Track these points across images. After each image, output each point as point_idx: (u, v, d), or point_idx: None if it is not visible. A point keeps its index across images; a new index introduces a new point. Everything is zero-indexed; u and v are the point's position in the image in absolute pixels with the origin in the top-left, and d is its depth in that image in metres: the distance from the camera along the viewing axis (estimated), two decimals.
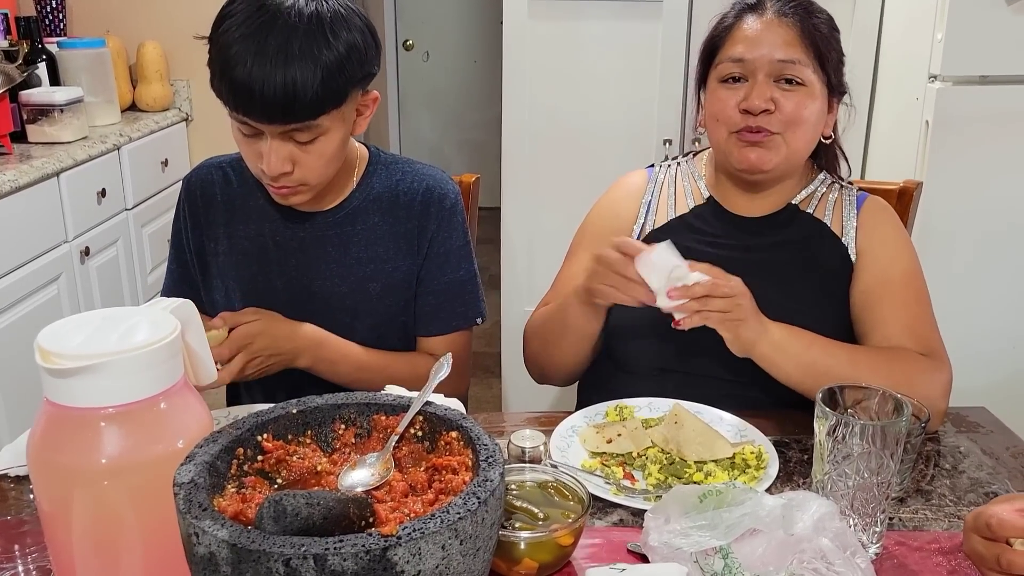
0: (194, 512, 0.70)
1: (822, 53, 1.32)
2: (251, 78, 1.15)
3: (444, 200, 1.41)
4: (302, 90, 1.16)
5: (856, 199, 1.42)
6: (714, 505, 0.90)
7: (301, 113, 1.18)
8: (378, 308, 1.40)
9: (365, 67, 1.24)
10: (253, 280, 1.40)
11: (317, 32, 1.17)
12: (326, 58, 1.17)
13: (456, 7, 5.41)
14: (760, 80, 1.31)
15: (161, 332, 0.81)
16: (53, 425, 0.78)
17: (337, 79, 1.19)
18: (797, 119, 1.31)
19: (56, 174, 2.36)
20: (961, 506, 1.08)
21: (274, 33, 1.16)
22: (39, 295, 2.30)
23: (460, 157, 5.62)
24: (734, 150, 1.35)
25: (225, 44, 1.17)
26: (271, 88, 1.15)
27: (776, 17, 1.33)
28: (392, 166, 1.43)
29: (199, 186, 1.43)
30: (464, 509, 0.71)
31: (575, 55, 2.50)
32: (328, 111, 1.21)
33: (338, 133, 1.25)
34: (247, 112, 1.19)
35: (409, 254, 1.40)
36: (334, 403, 0.90)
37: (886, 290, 1.33)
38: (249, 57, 1.15)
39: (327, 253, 1.38)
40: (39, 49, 2.71)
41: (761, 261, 1.38)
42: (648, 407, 1.28)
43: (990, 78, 2.10)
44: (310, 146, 1.23)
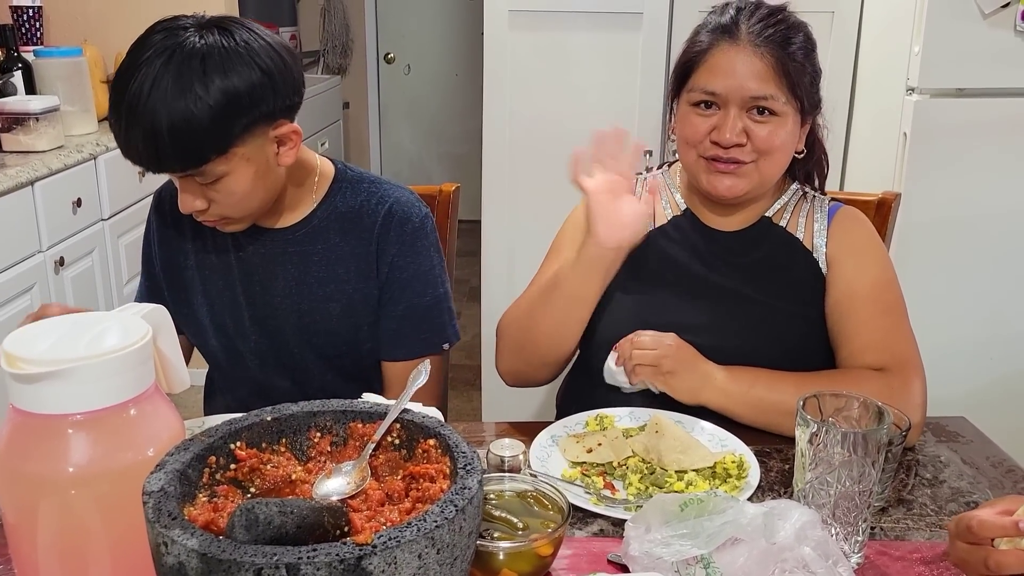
0: (163, 521, 0.69)
1: (795, 83, 1.29)
2: (128, 135, 1.12)
3: (406, 223, 1.35)
4: (171, 144, 1.11)
5: (828, 210, 1.40)
6: (695, 514, 0.89)
7: (176, 163, 1.14)
8: (339, 329, 1.37)
9: (257, 109, 1.16)
10: (219, 295, 1.37)
11: (186, 81, 1.10)
12: (194, 111, 1.10)
13: (437, 21, 5.42)
14: (732, 113, 1.28)
15: (132, 337, 0.79)
16: (19, 433, 0.76)
17: (209, 129, 1.12)
18: (769, 148, 1.30)
19: (31, 183, 2.33)
20: (942, 515, 1.08)
21: (149, 79, 1.10)
22: (12, 305, 2.26)
23: (441, 169, 5.61)
24: (703, 175, 1.34)
25: (112, 98, 1.14)
26: (143, 144, 1.12)
27: (750, 47, 1.28)
28: (358, 184, 1.38)
29: (168, 202, 1.38)
30: (441, 517, 0.70)
31: (555, 66, 2.50)
32: (211, 159, 1.14)
33: (245, 173, 1.19)
34: (134, 161, 1.16)
35: (368, 276, 1.36)
36: (309, 411, 0.88)
37: (855, 302, 1.32)
38: (126, 103, 1.11)
39: (287, 271, 1.35)
40: (15, 57, 2.68)
41: (737, 275, 1.37)
42: (629, 416, 1.27)
43: (967, 90, 2.12)
44: (215, 186, 1.19)
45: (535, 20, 2.46)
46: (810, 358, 1.32)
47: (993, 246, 2.20)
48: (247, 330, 1.38)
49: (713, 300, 1.36)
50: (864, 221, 1.41)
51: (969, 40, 2.07)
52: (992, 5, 2.03)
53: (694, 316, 1.34)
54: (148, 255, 1.43)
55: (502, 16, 2.48)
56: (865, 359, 1.28)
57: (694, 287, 1.37)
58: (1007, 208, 2.18)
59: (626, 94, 2.49)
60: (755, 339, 1.32)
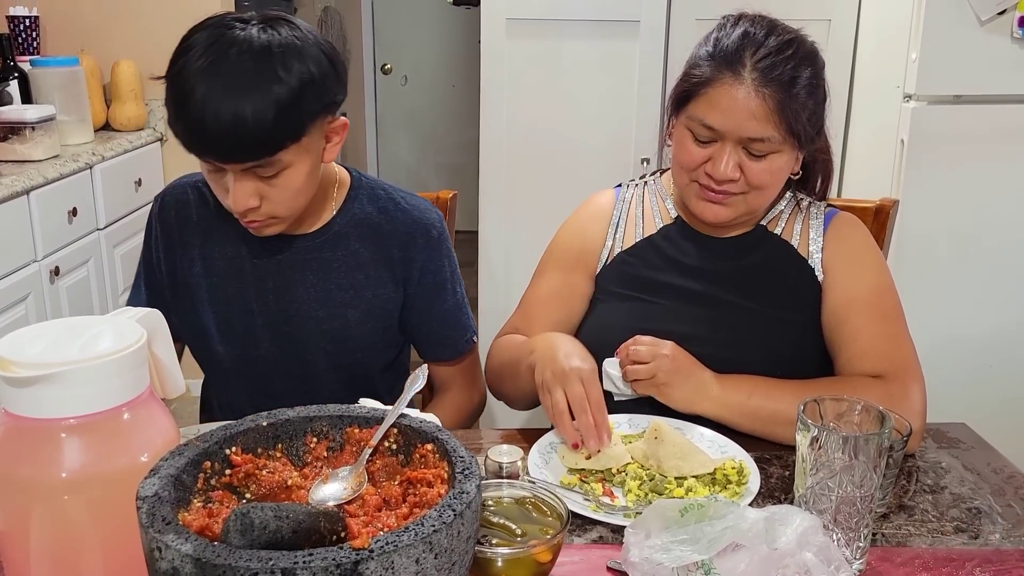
0: (157, 526, 0.68)
1: (795, 122, 1.24)
2: (203, 116, 1.12)
3: (431, 230, 1.39)
4: (255, 127, 1.12)
5: (824, 216, 1.39)
6: (695, 519, 0.88)
7: (255, 151, 1.15)
8: (356, 335, 1.38)
9: (324, 98, 1.20)
10: (228, 303, 1.36)
11: (266, 67, 1.13)
12: (278, 92, 1.13)
13: (434, 32, 5.42)
14: (727, 149, 1.26)
15: (126, 341, 0.78)
16: (11, 437, 0.75)
17: (291, 112, 1.14)
18: (762, 184, 1.28)
19: (26, 192, 2.32)
20: (944, 521, 1.07)
21: (225, 70, 1.12)
22: (6, 315, 2.25)
23: (438, 180, 5.61)
24: (693, 199, 1.33)
25: (178, 82, 1.14)
26: (223, 127, 1.11)
27: (753, 88, 1.23)
28: (374, 192, 1.40)
29: (173, 206, 1.39)
30: (439, 522, 0.69)
31: (553, 74, 2.51)
32: (287, 146, 1.16)
33: (304, 165, 1.21)
34: (201, 152, 1.16)
35: (391, 282, 1.38)
36: (306, 416, 0.87)
37: (851, 309, 1.31)
38: (200, 95, 1.12)
39: (306, 278, 1.35)
40: (11, 67, 2.67)
41: (730, 283, 1.36)
42: (628, 423, 1.26)
43: (964, 97, 2.13)
44: (275, 180, 1.20)
45: (532, 28, 2.47)
46: (805, 366, 1.31)
47: (991, 252, 2.20)
48: (258, 336, 1.37)
49: (705, 308, 1.35)
50: (860, 227, 1.40)
51: (966, 47, 2.07)
52: (989, 12, 2.04)
53: (686, 325, 1.33)
54: (149, 260, 1.42)
55: (499, 25, 2.48)
56: (864, 366, 1.27)
57: (685, 295, 1.36)
58: (1005, 214, 2.18)
59: (623, 102, 2.49)
60: (748, 347, 1.31)
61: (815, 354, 1.35)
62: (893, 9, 2.24)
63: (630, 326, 1.31)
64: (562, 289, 1.43)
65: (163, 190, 1.42)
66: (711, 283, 1.36)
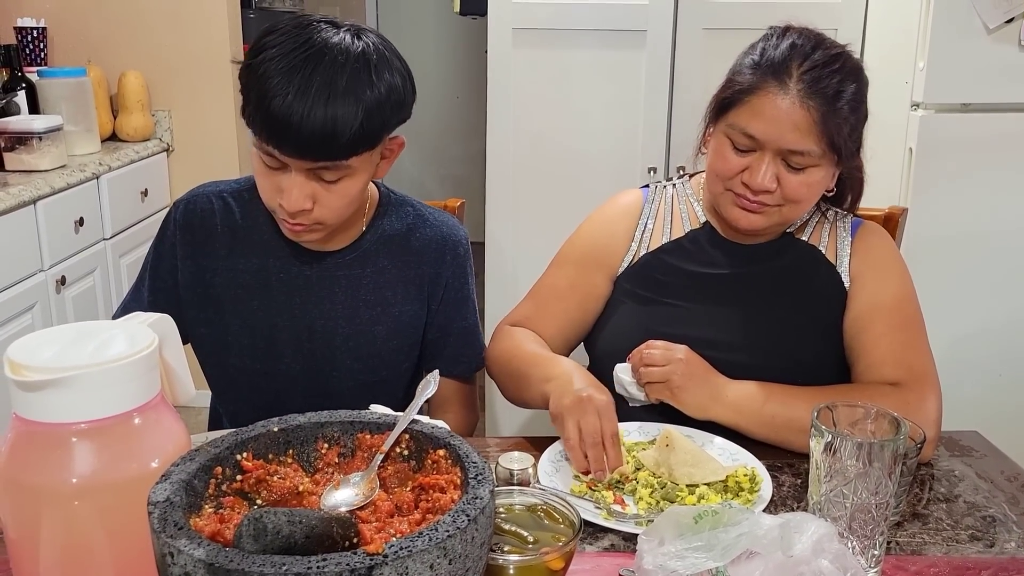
0: (169, 531, 0.67)
1: (836, 136, 1.24)
2: (291, 112, 1.11)
3: (458, 247, 1.40)
4: (342, 128, 1.13)
5: (851, 225, 1.40)
6: (710, 526, 0.87)
7: (337, 151, 1.15)
8: (381, 351, 1.37)
9: (402, 111, 1.22)
10: (252, 315, 1.34)
11: (363, 71, 1.15)
12: (369, 98, 1.15)
13: (440, 42, 5.44)
14: (767, 159, 1.25)
15: (137, 345, 0.78)
16: (21, 442, 0.75)
17: (376, 120, 1.16)
18: (797, 198, 1.28)
19: (33, 202, 2.32)
20: (959, 530, 1.06)
21: (320, 69, 1.13)
22: (12, 324, 2.25)
23: (442, 191, 5.62)
24: (727, 207, 1.32)
25: (265, 74, 1.13)
26: (311, 124, 1.12)
27: (798, 99, 1.22)
28: (402, 208, 1.40)
29: (198, 215, 1.36)
30: (453, 527, 0.68)
31: (559, 84, 2.51)
32: (361, 152, 1.18)
33: (364, 175, 1.23)
34: (280, 145, 1.15)
35: (418, 299, 1.38)
36: (317, 421, 0.87)
37: (874, 316, 1.31)
38: (291, 91, 1.12)
39: (334, 294, 1.34)
40: (19, 78, 2.68)
41: (754, 288, 1.36)
42: (639, 431, 1.25)
43: (972, 105, 2.12)
44: (334, 185, 1.20)
45: (539, 38, 2.47)
46: (824, 373, 1.30)
47: (1001, 260, 2.19)
48: (280, 351, 1.35)
49: (729, 313, 1.34)
50: (886, 236, 1.41)
51: (974, 56, 2.07)
52: (996, 20, 2.04)
53: (709, 330, 1.32)
54: (159, 267, 1.38)
55: (506, 34, 2.48)
56: (882, 373, 1.27)
57: (709, 300, 1.35)
58: (1014, 222, 2.18)
59: (630, 112, 2.49)
60: (770, 354, 1.31)
61: (835, 361, 1.34)
62: (900, 18, 2.24)
63: (651, 329, 1.31)
64: (581, 285, 1.42)
65: (184, 196, 1.40)
66: (736, 288, 1.36)
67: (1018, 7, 2.03)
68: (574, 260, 1.43)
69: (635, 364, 1.25)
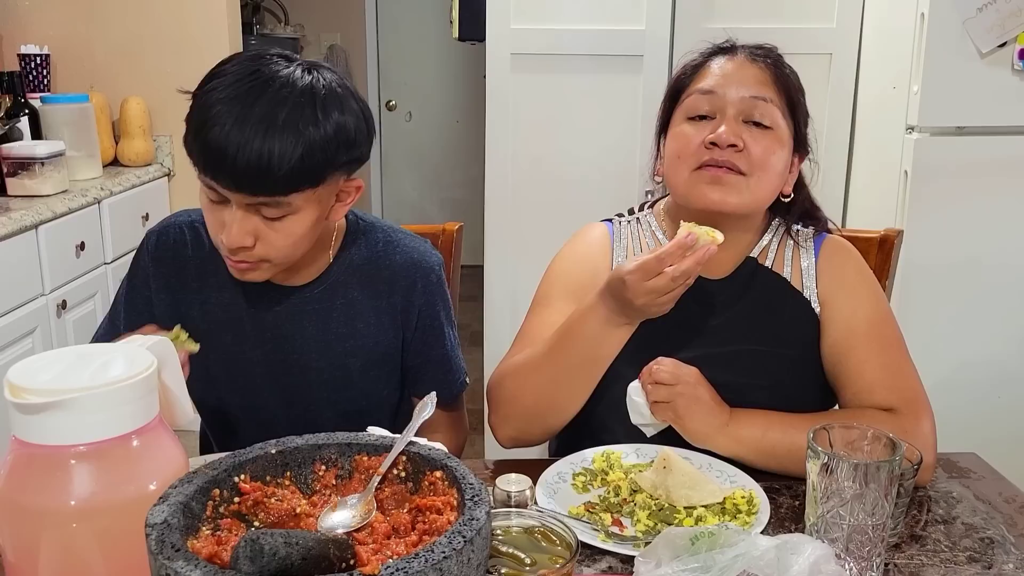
0: (166, 553, 0.67)
1: (793, 99, 1.29)
2: (227, 141, 1.08)
3: (430, 274, 1.35)
4: (278, 163, 1.09)
5: (814, 243, 1.37)
6: (706, 547, 0.87)
7: (272, 187, 1.11)
8: (358, 383, 1.35)
9: (352, 152, 1.18)
10: (227, 349, 1.31)
11: (307, 106, 1.11)
12: (311, 135, 1.11)
13: (438, 68, 5.48)
14: (729, 115, 1.26)
15: (136, 368, 0.78)
16: (20, 464, 0.75)
17: (317, 158, 1.12)
18: (764, 163, 1.26)
19: (35, 226, 2.34)
20: (956, 551, 1.06)
21: (262, 100, 1.10)
22: (13, 348, 2.26)
23: (442, 215, 5.63)
24: (695, 187, 1.27)
25: (207, 103, 1.11)
26: (246, 156, 1.08)
27: (748, 59, 1.30)
28: (371, 235, 1.36)
29: (170, 247, 1.33)
30: (449, 548, 0.68)
31: (557, 109, 2.53)
32: (301, 189, 1.13)
33: (310, 215, 1.17)
34: (216, 176, 1.11)
35: (392, 328, 1.35)
36: (314, 443, 0.87)
37: (853, 341, 1.28)
38: (229, 120, 1.09)
39: (304, 329, 1.31)
40: (22, 104, 2.70)
41: (726, 325, 1.32)
42: (635, 453, 1.25)
43: (966, 129, 2.14)
44: (277, 223, 1.15)
45: (537, 63, 2.49)
46: (806, 402, 1.27)
47: (997, 281, 2.21)
48: (259, 385, 1.34)
49: (703, 347, 1.29)
50: (851, 252, 1.37)
51: (968, 79, 2.09)
52: (989, 45, 2.06)
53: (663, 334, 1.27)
54: (135, 300, 1.35)
55: (504, 60, 2.51)
56: (872, 400, 1.25)
57: (683, 335, 1.30)
58: (1010, 244, 2.19)
59: (627, 136, 2.51)
60: (748, 386, 1.26)
61: (815, 389, 1.32)
62: (894, 42, 2.26)
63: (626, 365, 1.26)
64: None
65: (155, 227, 1.36)
66: (708, 321, 1.32)
67: (1010, 31, 2.05)
68: (558, 296, 1.37)
69: (644, 381, 1.22)
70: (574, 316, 1.25)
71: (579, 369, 1.25)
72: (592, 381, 1.26)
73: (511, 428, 1.31)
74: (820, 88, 2.41)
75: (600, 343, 1.23)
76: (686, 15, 2.47)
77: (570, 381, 1.26)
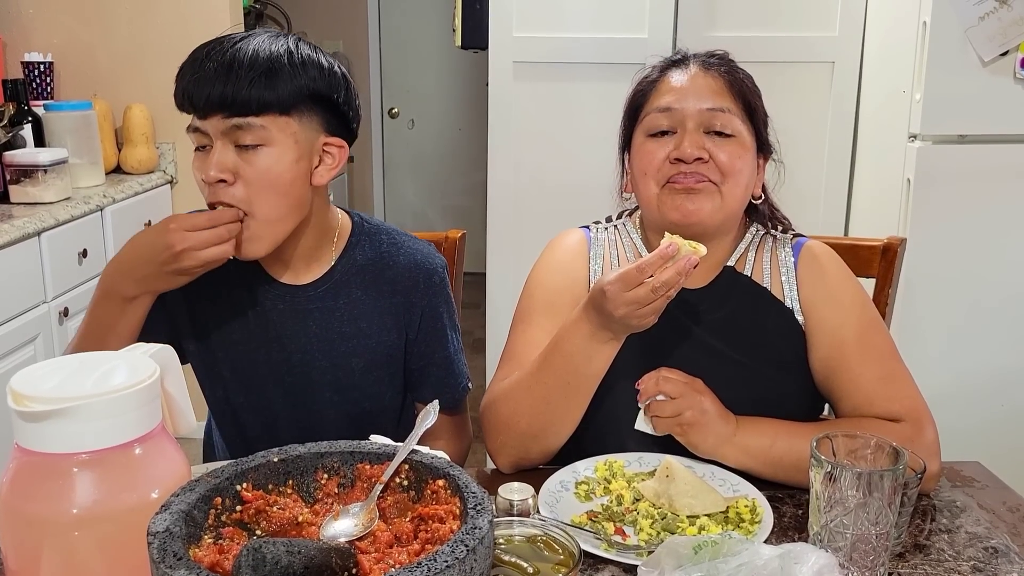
0: (168, 561, 0.67)
1: (750, 104, 1.28)
2: (199, 59, 1.18)
3: (433, 275, 1.37)
4: (249, 70, 1.15)
5: (793, 248, 1.35)
6: (709, 556, 0.87)
7: (245, 96, 1.15)
8: (360, 383, 1.36)
9: (333, 95, 1.23)
10: (233, 348, 1.34)
11: (279, 37, 1.21)
12: (277, 52, 1.18)
13: (441, 76, 5.49)
14: (690, 129, 1.25)
15: (139, 376, 0.78)
16: (23, 472, 0.75)
17: (285, 72, 1.17)
18: (732, 169, 1.24)
19: (37, 234, 2.34)
20: (960, 561, 1.06)
21: (237, 40, 1.20)
22: (14, 356, 2.26)
23: (444, 223, 5.64)
24: (667, 201, 1.26)
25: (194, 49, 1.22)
26: (214, 62, 1.16)
27: (701, 70, 1.29)
28: (376, 236, 1.37)
29: None
30: (452, 557, 0.68)
31: (559, 117, 2.53)
32: (270, 112, 1.17)
33: (285, 153, 1.19)
34: (188, 98, 1.18)
35: (395, 328, 1.36)
36: (317, 452, 0.87)
37: (845, 353, 1.26)
38: (206, 51, 1.19)
39: (308, 328, 1.33)
40: (25, 111, 2.71)
41: (707, 336, 1.29)
42: (638, 461, 1.25)
43: (968, 137, 2.14)
44: (253, 155, 1.17)
45: (540, 71, 2.50)
46: (792, 413, 1.25)
47: (1000, 290, 2.20)
48: (262, 384, 1.35)
49: (685, 361, 1.26)
50: (831, 257, 1.34)
51: (970, 87, 2.10)
52: (991, 53, 2.06)
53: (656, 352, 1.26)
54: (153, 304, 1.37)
55: (507, 68, 2.51)
56: (873, 412, 1.23)
57: (663, 346, 1.28)
58: (1012, 251, 2.19)
59: None
60: (733, 398, 1.23)
61: (801, 398, 1.30)
62: (896, 51, 2.27)
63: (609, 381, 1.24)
64: None
65: None
66: (689, 338, 1.30)
67: (1012, 40, 2.06)
68: (541, 311, 1.35)
69: (647, 392, 1.20)
70: (559, 334, 1.23)
71: (569, 387, 1.23)
72: (584, 399, 1.23)
73: (510, 454, 1.28)
74: (822, 96, 2.41)
75: (587, 359, 1.20)
76: (688, 24, 2.47)
77: (562, 401, 1.23)
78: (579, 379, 1.22)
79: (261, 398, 1.36)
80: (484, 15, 2.61)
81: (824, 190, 2.54)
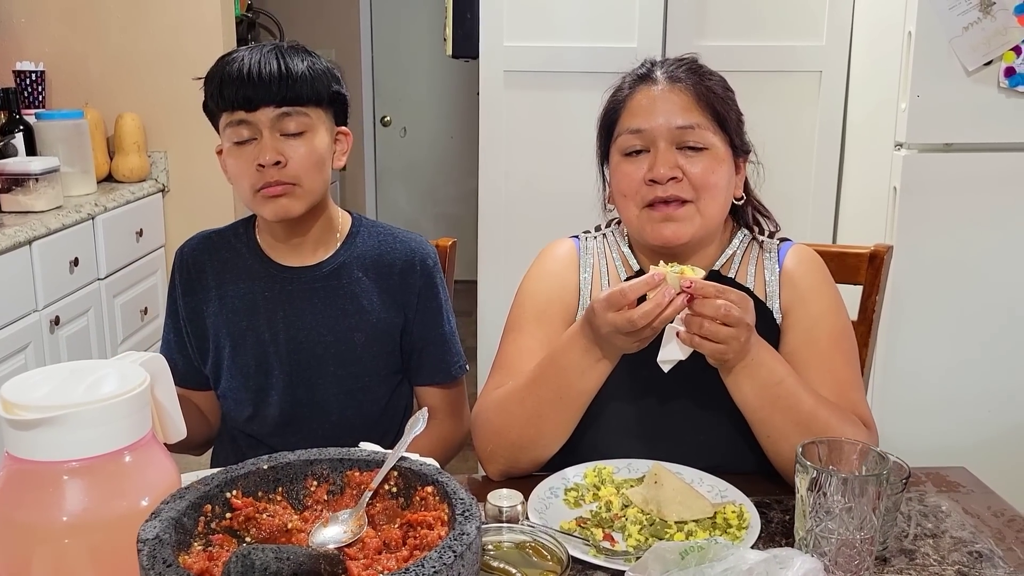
0: (158, 568, 0.68)
1: (720, 114, 1.29)
2: (250, 64, 1.33)
3: (427, 259, 1.51)
4: (296, 72, 1.35)
5: (779, 252, 1.37)
6: (696, 561, 0.88)
7: (296, 91, 1.34)
8: (362, 357, 1.47)
9: (339, 87, 1.43)
10: (243, 334, 1.46)
11: (300, 51, 1.40)
12: (312, 60, 1.39)
13: (433, 84, 5.51)
14: (662, 148, 1.26)
15: (129, 384, 0.79)
16: (13, 480, 0.75)
17: (320, 73, 1.38)
18: (706, 184, 1.26)
19: (28, 242, 2.34)
20: (945, 565, 1.07)
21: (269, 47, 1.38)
22: (6, 364, 2.25)
23: (436, 231, 5.65)
24: (647, 226, 1.28)
25: (223, 60, 1.37)
26: (268, 69, 1.33)
27: (668, 84, 1.29)
28: (374, 229, 1.53)
29: (191, 256, 1.51)
30: (440, 563, 0.69)
31: (550, 125, 2.54)
32: (317, 102, 1.38)
33: (323, 138, 1.40)
34: (244, 98, 1.33)
35: (394, 307, 1.48)
36: (306, 459, 0.88)
37: (812, 352, 1.28)
38: (246, 54, 1.35)
39: (313, 305, 1.46)
40: (17, 120, 2.71)
41: None
42: (627, 468, 1.26)
43: (954, 145, 2.16)
44: (298, 140, 1.36)
45: (530, 80, 2.51)
46: None
47: (986, 297, 2.22)
48: (269, 365, 1.46)
49: None
50: (816, 262, 1.37)
51: (955, 97, 2.11)
52: (975, 63, 2.08)
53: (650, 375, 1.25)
54: (174, 310, 1.52)
55: (498, 77, 2.53)
56: None
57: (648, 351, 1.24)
58: (998, 259, 2.20)
59: None
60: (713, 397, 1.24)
61: None
62: (882, 60, 2.29)
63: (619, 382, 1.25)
64: (550, 341, 1.31)
65: (182, 245, 1.55)
66: None
67: (996, 50, 2.08)
68: (533, 319, 1.36)
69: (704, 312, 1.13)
70: (556, 347, 1.24)
71: (562, 401, 1.23)
72: (576, 413, 1.24)
73: (499, 463, 1.28)
74: (810, 105, 2.43)
75: (581, 375, 1.21)
76: (677, 33, 2.49)
77: (553, 414, 1.24)
78: (572, 393, 1.23)
79: (268, 380, 1.46)
80: (475, 24, 2.62)
81: (812, 198, 2.55)
